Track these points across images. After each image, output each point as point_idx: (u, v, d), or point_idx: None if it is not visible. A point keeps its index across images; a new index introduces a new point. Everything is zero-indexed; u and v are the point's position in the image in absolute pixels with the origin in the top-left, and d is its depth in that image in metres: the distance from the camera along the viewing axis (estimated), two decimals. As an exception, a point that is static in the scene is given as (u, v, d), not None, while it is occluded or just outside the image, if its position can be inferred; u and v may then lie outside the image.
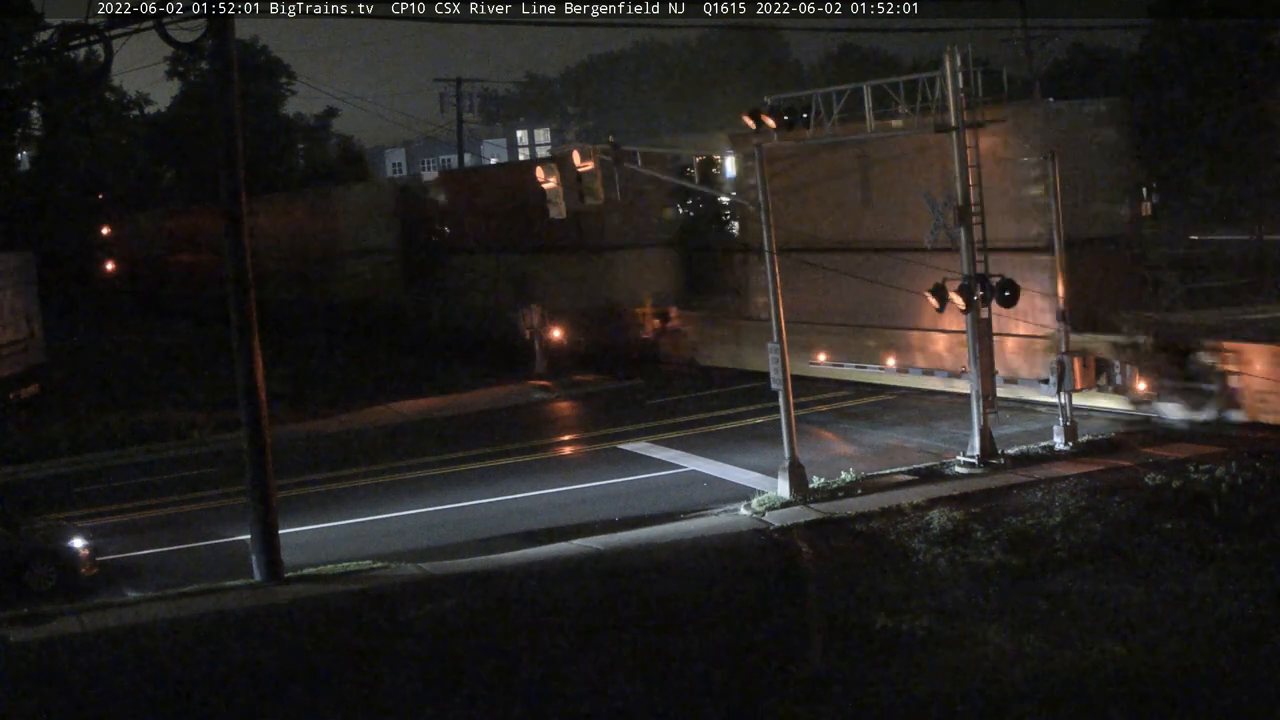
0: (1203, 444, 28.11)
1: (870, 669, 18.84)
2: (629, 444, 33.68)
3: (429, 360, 48.57)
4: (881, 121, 30.53)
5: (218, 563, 25.94)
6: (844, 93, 29.88)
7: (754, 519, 26.08)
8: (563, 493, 29.50)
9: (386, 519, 28.56)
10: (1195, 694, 17.44)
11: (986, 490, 26.38)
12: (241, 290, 24.53)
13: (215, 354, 46.90)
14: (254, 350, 24.57)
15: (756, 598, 22.04)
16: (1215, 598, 20.27)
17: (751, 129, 28.63)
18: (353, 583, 23.79)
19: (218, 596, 23.60)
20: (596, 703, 18.56)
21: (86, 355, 57.40)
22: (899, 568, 22.86)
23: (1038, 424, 31.07)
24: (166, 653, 21.13)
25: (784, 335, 27.58)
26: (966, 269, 28.29)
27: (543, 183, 28.76)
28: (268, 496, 24.61)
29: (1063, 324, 29.58)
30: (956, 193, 28.44)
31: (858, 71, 76.08)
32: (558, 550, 25.00)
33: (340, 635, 21.55)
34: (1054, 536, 23.49)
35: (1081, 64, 70.40)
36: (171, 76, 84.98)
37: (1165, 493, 25.17)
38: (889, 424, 33.51)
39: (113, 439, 37.68)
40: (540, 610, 21.99)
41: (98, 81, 72.49)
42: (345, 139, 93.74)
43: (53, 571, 24.81)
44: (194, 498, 31.54)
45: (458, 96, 77.71)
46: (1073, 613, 20.25)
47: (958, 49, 28.37)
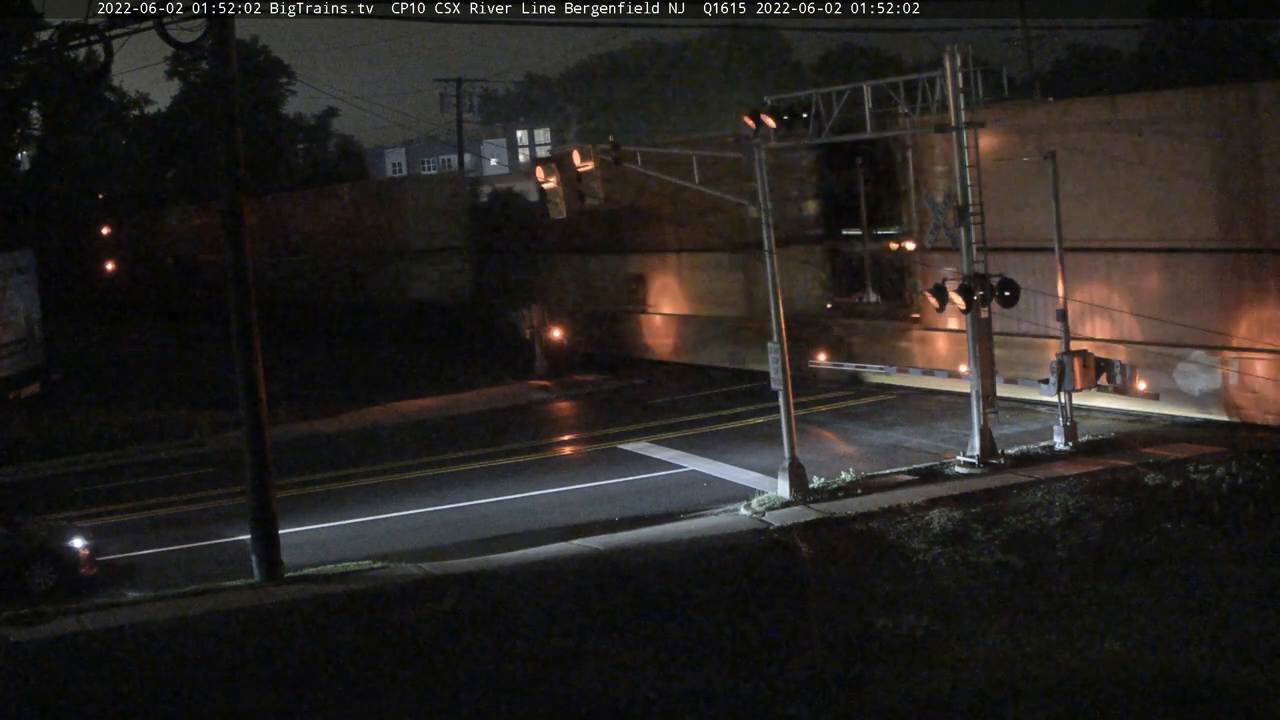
0: (1203, 444, 28.10)
1: (870, 669, 18.85)
2: (629, 444, 33.68)
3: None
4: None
5: (218, 563, 25.95)
6: (844, 93, 29.87)
7: (754, 519, 26.07)
8: (563, 493, 29.49)
9: (386, 519, 28.57)
10: (1196, 694, 17.44)
11: (986, 490, 26.37)
12: (242, 290, 24.54)
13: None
14: (254, 350, 24.58)
15: (756, 598, 22.04)
16: (1215, 598, 20.29)
17: (751, 129, 28.64)
18: (353, 583, 23.79)
19: (217, 596, 23.61)
20: (596, 702, 18.57)
21: (87, 355, 57.38)
22: (899, 568, 22.86)
23: (1038, 424, 31.07)
24: (166, 653, 21.14)
25: (784, 335, 27.58)
26: (965, 268, 28.30)
27: (542, 183, 28.75)
28: (268, 496, 24.62)
29: (1063, 324, 29.59)
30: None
31: (858, 71, 76.08)
32: (557, 550, 24.99)
33: (340, 635, 21.55)
34: (1054, 536, 23.50)
35: (1081, 64, 70.53)
36: (171, 76, 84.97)
37: (1165, 493, 25.18)
38: (889, 424, 33.50)
39: (113, 439, 37.68)
40: (540, 610, 22.00)
41: (98, 81, 72.43)
42: (345, 139, 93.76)
43: (53, 571, 24.82)
44: (194, 498, 31.54)
45: (458, 96, 77.64)
46: (1073, 613, 20.27)
47: (958, 49, 28.37)
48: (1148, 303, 31.00)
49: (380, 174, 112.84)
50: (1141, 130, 31.04)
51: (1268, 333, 28.95)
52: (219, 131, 24.61)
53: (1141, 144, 30.89)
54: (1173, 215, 30.65)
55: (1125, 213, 31.49)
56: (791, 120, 28.72)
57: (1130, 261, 31.56)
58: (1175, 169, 30.24)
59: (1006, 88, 31.11)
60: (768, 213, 27.83)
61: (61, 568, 24.93)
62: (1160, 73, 60.96)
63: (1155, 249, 31.07)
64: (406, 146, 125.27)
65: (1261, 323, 29.07)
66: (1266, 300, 29.04)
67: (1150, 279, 31.22)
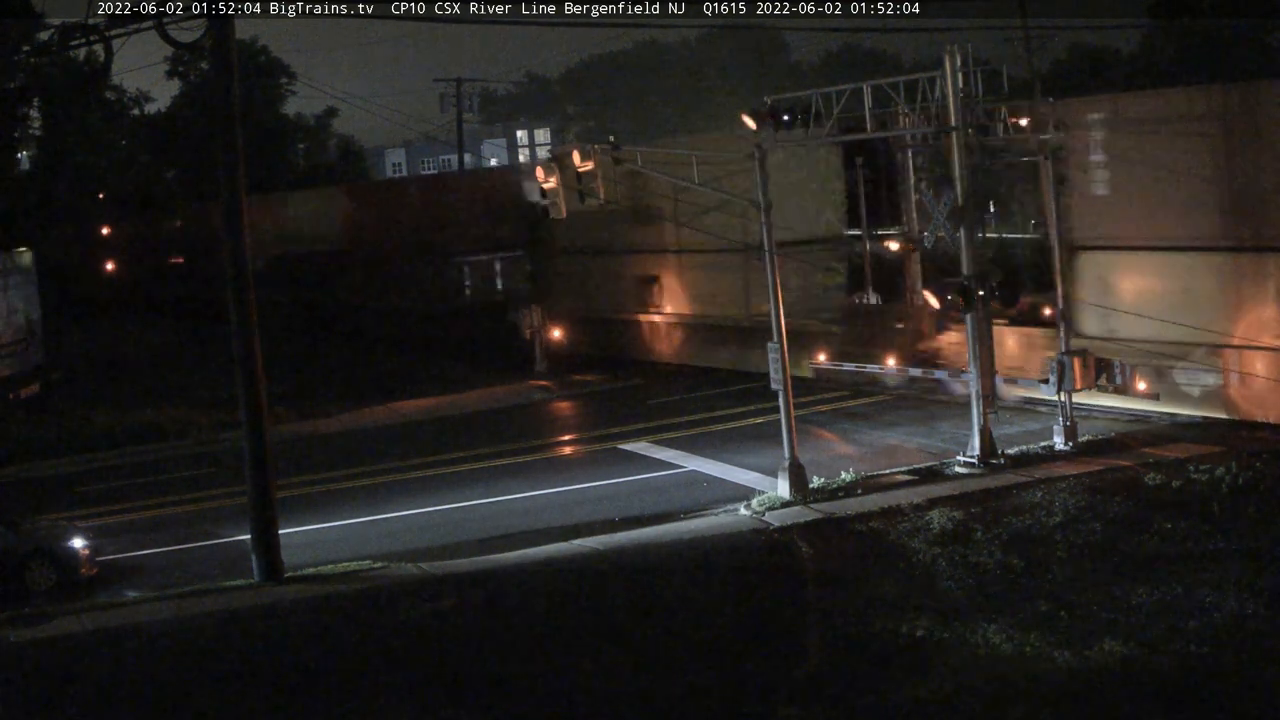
0: (1203, 444, 28.10)
1: (870, 669, 18.85)
2: (629, 444, 33.67)
3: None
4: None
5: (218, 563, 25.95)
6: (844, 93, 29.87)
7: (754, 519, 26.07)
8: (563, 493, 29.49)
9: (386, 519, 28.56)
10: (1196, 694, 17.44)
11: (986, 490, 26.36)
12: (241, 290, 24.53)
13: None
14: (254, 350, 24.58)
15: (756, 598, 22.04)
16: (1215, 598, 20.28)
17: (751, 129, 28.65)
18: (352, 583, 23.80)
19: (217, 596, 23.61)
20: (595, 702, 18.57)
21: (87, 355, 57.36)
22: (899, 568, 22.86)
23: (1038, 424, 31.06)
24: (166, 653, 21.14)
25: (784, 335, 27.58)
26: (966, 269, 28.30)
27: (543, 183, 28.76)
28: (268, 496, 24.61)
29: (1062, 324, 29.59)
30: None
31: (858, 71, 76.06)
32: (557, 550, 24.99)
33: (340, 635, 21.55)
34: (1054, 536, 23.50)
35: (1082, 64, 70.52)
36: (171, 76, 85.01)
37: (1165, 493, 25.18)
38: (889, 424, 33.50)
39: (113, 439, 37.66)
40: (539, 610, 22.00)
41: (98, 81, 72.50)
42: (345, 139, 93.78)
43: (53, 571, 24.82)
44: (194, 498, 31.53)
45: (458, 96, 77.73)
46: (1073, 613, 20.26)
47: (958, 49, 28.37)
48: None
49: (381, 174, 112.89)
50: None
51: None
52: (219, 131, 24.62)
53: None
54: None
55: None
56: (792, 120, 28.74)
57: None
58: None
59: (1006, 87, 31.12)
60: (769, 212, 27.83)
61: (61, 568, 24.92)
62: (1160, 73, 60.98)
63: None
64: (406, 146, 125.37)
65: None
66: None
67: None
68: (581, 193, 28.33)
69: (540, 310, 45.44)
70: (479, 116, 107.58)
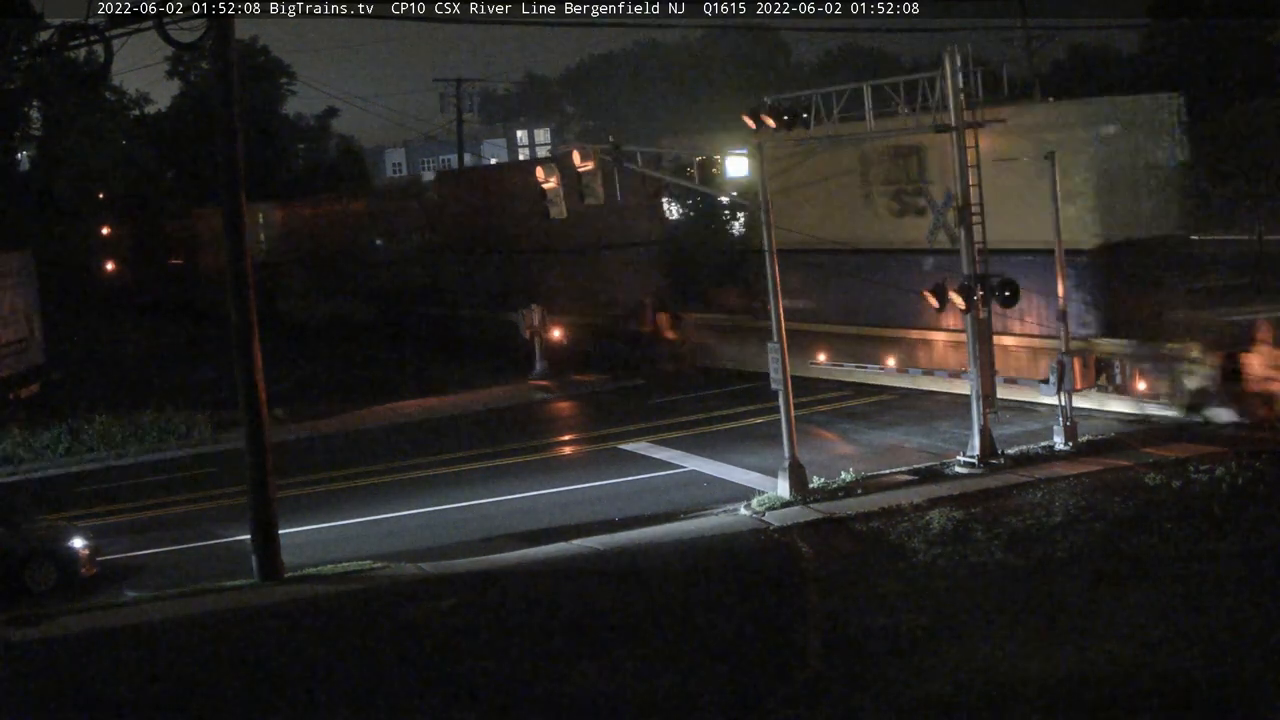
0: (1203, 444, 28.10)
1: (870, 669, 18.83)
2: (629, 444, 33.67)
3: None
4: (880, 121, 30.52)
5: (218, 563, 25.96)
6: (844, 93, 29.86)
7: (754, 519, 26.07)
8: (563, 493, 29.49)
9: (386, 519, 28.57)
10: (1196, 694, 17.43)
11: (986, 490, 26.38)
12: (241, 290, 24.53)
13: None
14: (254, 350, 24.58)
15: (756, 598, 22.04)
16: (1215, 598, 20.27)
17: (751, 129, 28.65)
18: (352, 583, 23.80)
19: (217, 596, 23.62)
20: (595, 702, 18.55)
21: (87, 355, 57.37)
22: (899, 568, 22.86)
23: (1038, 424, 31.06)
24: (166, 653, 21.15)
25: (784, 335, 27.57)
26: (966, 269, 28.30)
27: (542, 183, 28.76)
28: (268, 496, 24.62)
29: (1062, 324, 29.58)
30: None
31: (858, 71, 76.05)
32: (557, 550, 25.00)
33: (340, 635, 21.55)
34: (1054, 536, 23.49)
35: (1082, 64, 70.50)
36: (171, 76, 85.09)
37: (1165, 493, 25.18)
38: (889, 424, 33.51)
39: (113, 439, 37.67)
40: (540, 610, 22.00)
41: (98, 81, 72.41)
42: (345, 139, 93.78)
43: (53, 571, 24.83)
44: (194, 498, 31.55)
45: (458, 96, 77.71)
46: (1073, 613, 20.25)
47: (958, 49, 28.36)
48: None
49: (381, 174, 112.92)
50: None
51: None
52: (219, 132, 24.62)
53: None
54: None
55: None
56: (792, 120, 28.74)
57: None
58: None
59: (1007, 87, 31.11)
60: (768, 212, 27.82)
61: (61, 568, 24.93)
62: (1160, 72, 60.91)
63: None
64: (406, 146, 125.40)
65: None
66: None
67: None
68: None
69: (540, 310, 45.42)
70: (479, 116, 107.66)
